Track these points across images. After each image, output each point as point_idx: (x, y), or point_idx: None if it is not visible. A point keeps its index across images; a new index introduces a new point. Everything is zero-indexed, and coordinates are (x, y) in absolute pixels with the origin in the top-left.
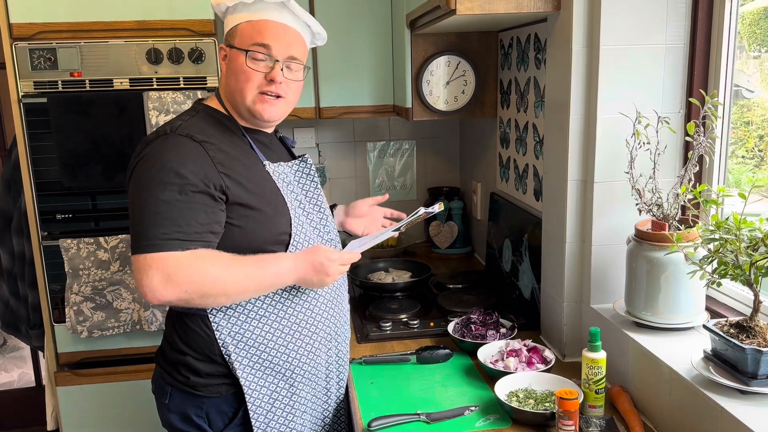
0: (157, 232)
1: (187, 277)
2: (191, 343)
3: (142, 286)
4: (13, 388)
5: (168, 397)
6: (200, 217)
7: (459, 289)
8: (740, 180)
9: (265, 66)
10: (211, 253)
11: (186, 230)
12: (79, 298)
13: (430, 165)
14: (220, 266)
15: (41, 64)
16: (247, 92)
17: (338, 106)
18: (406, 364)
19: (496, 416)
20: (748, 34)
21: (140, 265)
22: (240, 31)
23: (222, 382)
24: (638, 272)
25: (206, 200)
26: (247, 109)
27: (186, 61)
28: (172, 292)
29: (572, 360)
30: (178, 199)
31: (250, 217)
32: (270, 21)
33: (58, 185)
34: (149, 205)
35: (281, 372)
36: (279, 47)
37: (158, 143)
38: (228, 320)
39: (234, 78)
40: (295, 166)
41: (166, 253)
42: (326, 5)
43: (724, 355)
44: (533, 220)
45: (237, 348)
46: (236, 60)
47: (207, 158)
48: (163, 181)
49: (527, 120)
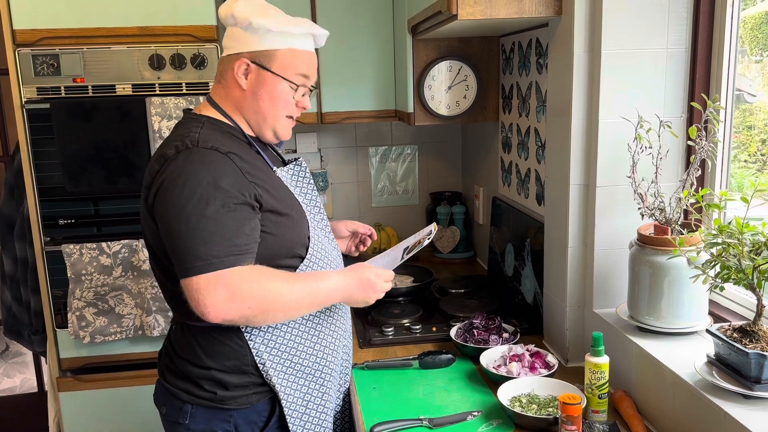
0: (210, 250)
1: (251, 292)
2: (218, 356)
3: (204, 306)
4: (15, 393)
5: (187, 417)
6: (246, 228)
7: (461, 293)
8: (743, 184)
9: (299, 94)
10: (266, 268)
11: (238, 243)
12: (81, 304)
13: (432, 170)
14: (279, 282)
15: (44, 70)
16: (279, 117)
17: (340, 111)
18: (409, 369)
19: (499, 421)
20: (750, 38)
21: (199, 286)
22: (281, 57)
23: (253, 392)
24: (641, 276)
25: (248, 210)
26: (273, 130)
27: (188, 67)
28: (237, 310)
29: (575, 365)
30: (223, 213)
31: (281, 223)
32: (310, 52)
33: (61, 191)
34: (194, 223)
35: (312, 373)
36: (313, 77)
37: (183, 159)
38: (260, 329)
39: (269, 101)
40: (291, 170)
41: (226, 270)
42: (328, 10)
43: (727, 360)
44: (535, 225)
45: (271, 355)
46: (275, 86)
47: (236, 169)
48: (204, 196)
49: (529, 124)
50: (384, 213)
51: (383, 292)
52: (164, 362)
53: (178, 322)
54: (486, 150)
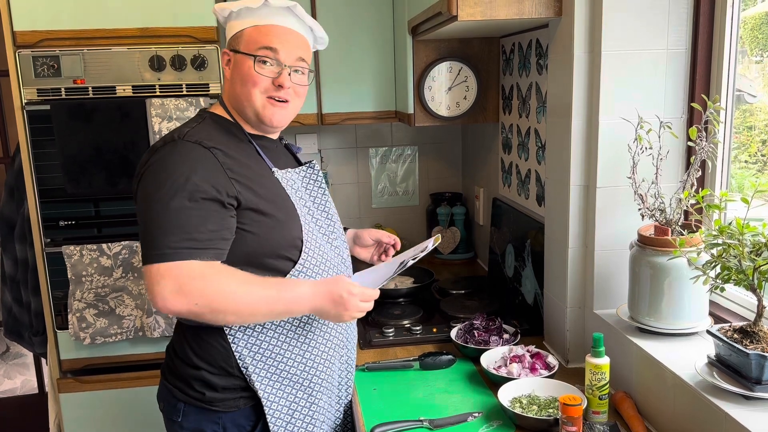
0: (167, 241)
1: (199, 289)
2: (206, 357)
3: (153, 295)
4: (16, 395)
5: (180, 415)
6: (210, 224)
7: (462, 294)
8: (743, 185)
9: (272, 71)
10: (227, 267)
11: (197, 238)
12: (81, 305)
13: (433, 171)
14: (235, 283)
15: (44, 72)
16: (254, 97)
17: (340, 113)
18: (409, 370)
19: (500, 422)
20: (750, 38)
21: (152, 274)
22: (246, 35)
23: (239, 395)
24: (641, 277)
25: (216, 207)
26: (255, 113)
27: (189, 68)
28: (183, 303)
29: (576, 366)
30: (188, 207)
31: (263, 222)
32: (277, 26)
33: (61, 192)
34: (158, 213)
35: (299, 382)
36: (286, 52)
37: (166, 150)
38: (244, 332)
39: (240, 83)
40: (303, 173)
41: (178, 263)
42: (328, 11)
43: (728, 361)
44: (536, 226)
45: (254, 360)
46: (243, 65)
47: (217, 164)
48: (173, 188)
49: (529, 125)
50: (384, 214)
51: (358, 312)
52: (166, 360)
53: (178, 321)
54: (486, 151)
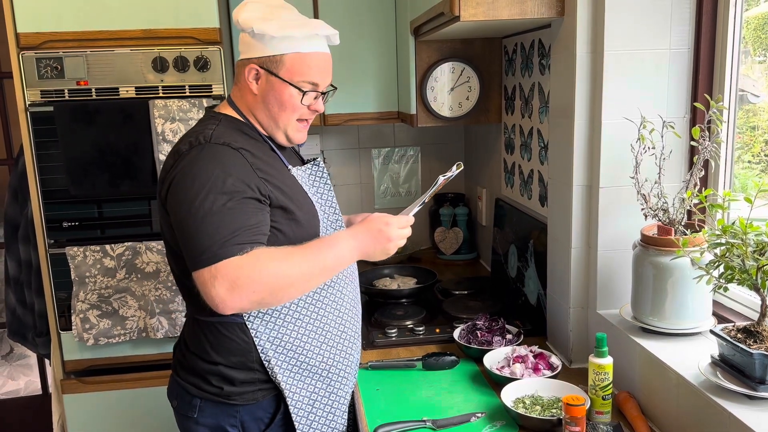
0: (212, 242)
1: (250, 279)
2: (225, 351)
3: (211, 298)
4: (19, 396)
5: (196, 411)
6: (252, 219)
7: (464, 295)
8: (746, 184)
9: (310, 99)
10: (266, 249)
11: (241, 234)
12: (85, 306)
13: (435, 171)
14: (279, 260)
15: (48, 73)
16: (290, 122)
17: (343, 113)
18: (412, 370)
19: (503, 423)
20: (753, 38)
21: (204, 279)
22: (288, 63)
23: (258, 388)
24: (644, 277)
25: (255, 204)
26: (285, 135)
27: (191, 69)
28: (242, 298)
29: (579, 366)
30: (229, 207)
31: (292, 220)
32: (319, 53)
33: (65, 193)
34: (200, 218)
35: (318, 372)
36: (325, 81)
37: (195, 154)
38: (266, 326)
39: (278, 106)
40: (309, 170)
41: (225, 261)
42: (330, 12)
43: (731, 361)
44: (539, 226)
45: (276, 353)
46: (282, 91)
47: (247, 165)
48: (212, 191)
49: (532, 126)
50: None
51: (401, 239)
52: (177, 357)
53: (191, 316)
54: (489, 151)
